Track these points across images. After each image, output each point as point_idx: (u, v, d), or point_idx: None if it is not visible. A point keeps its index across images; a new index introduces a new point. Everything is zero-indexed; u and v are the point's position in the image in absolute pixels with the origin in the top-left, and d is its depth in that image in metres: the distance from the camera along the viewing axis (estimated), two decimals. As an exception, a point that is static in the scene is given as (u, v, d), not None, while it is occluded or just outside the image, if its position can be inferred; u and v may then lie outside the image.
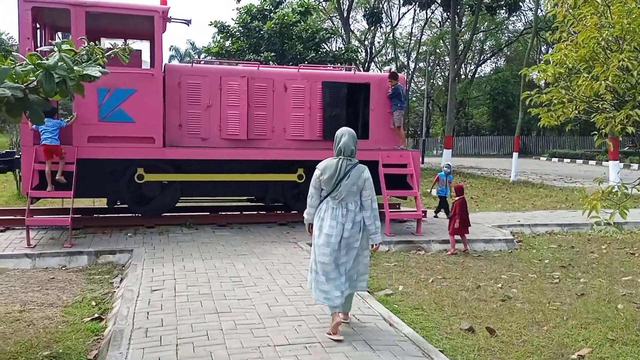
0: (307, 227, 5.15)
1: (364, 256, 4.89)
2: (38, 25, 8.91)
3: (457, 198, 8.79)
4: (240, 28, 23.75)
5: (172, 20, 9.69)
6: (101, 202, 10.92)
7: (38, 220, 8.52)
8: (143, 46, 10.34)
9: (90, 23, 9.04)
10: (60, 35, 10.00)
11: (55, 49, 3.94)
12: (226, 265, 7.05)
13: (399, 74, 10.59)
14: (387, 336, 4.76)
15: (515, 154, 20.76)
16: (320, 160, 4.88)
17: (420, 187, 10.54)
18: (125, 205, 9.82)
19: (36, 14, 8.45)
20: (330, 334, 4.59)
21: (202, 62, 11.75)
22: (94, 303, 5.97)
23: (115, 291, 6.36)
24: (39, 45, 8.77)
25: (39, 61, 3.90)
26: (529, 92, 5.44)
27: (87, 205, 10.91)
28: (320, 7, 40.79)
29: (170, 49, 53.71)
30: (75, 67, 4.20)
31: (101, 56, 4.72)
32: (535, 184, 19.55)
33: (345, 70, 10.83)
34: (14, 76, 3.95)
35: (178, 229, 9.35)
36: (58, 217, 8.85)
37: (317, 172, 4.82)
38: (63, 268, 7.41)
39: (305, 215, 5.04)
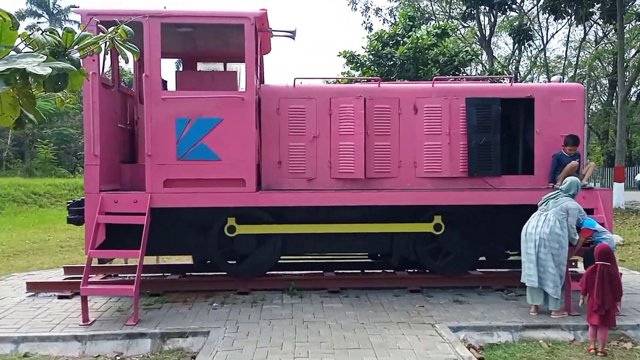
0: None
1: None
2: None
3: (597, 264, 5.53)
4: (370, 56, 21.97)
5: (274, 33, 7.82)
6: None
7: (96, 289, 6.81)
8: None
9: (171, 40, 7.41)
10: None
11: None
12: (325, 370, 4.70)
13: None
14: None
15: None
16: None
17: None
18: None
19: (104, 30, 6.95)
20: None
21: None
22: None
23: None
24: (105, 67, 7.27)
25: None
26: None
27: (177, 262, 9.20)
28: (458, 33, 38.07)
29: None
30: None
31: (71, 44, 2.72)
32: None
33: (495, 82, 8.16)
34: None
35: (277, 297, 7.20)
36: (120, 285, 7.11)
37: None
38: (118, 357, 5.54)
39: None
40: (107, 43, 2.89)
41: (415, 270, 8.24)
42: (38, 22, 36.62)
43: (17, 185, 22.11)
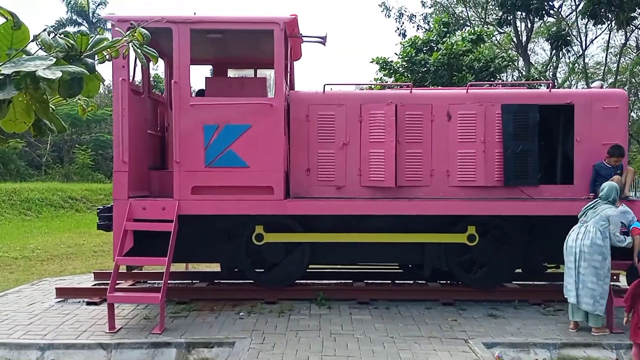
0: None
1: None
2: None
3: None
4: (404, 63, 21.74)
5: (304, 38, 7.71)
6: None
7: (122, 297, 6.75)
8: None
9: (201, 46, 7.38)
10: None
11: None
12: (352, 387, 4.52)
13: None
14: None
15: None
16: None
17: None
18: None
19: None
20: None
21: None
22: None
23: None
24: (135, 74, 7.26)
25: None
26: None
27: (206, 269, 9.13)
28: (493, 39, 37.39)
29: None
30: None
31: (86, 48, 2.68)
32: None
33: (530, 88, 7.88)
34: None
35: (305, 307, 7.05)
36: (147, 293, 7.07)
37: None
38: (142, 366, 5.48)
39: None
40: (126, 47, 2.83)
41: (448, 282, 7.99)
42: (78, 31, 37.36)
43: (54, 190, 22.54)
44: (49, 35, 2.42)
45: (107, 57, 2.75)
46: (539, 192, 6.99)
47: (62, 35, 2.46)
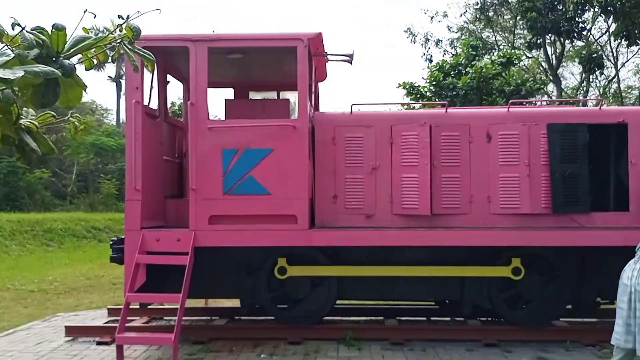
0: None
1: None
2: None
3: None
4: (431, 87, 21.29)
5: (330, 57, 7.25)
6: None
7: (132, 338, 6.20)
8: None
9: (221, 69, 6.98)
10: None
11: None
12: None
13: None
14: None
15: None
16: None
17: None
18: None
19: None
20: None
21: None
22: None
23: None
24: (150, 97, 6.85)
25: None
26: None
27: (226, 304, 8.54)
28: (522, 64, 36.74)
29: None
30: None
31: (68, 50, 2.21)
32: None
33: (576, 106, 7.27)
34: None
35: (333, 348, 6.41)
36: (159, 333, 6.51)
37: None
38: (151, 416, 4.90)
39: None
40: (116, 47, 2.33)
41: (488, 319, 7.29)
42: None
43: (77, 219, 22.38)
44: (13, 28, 1.94)
45: (94, 61, 2.28)
46: (590, 220, 6.31)
47: (34, 31, 1.99)
